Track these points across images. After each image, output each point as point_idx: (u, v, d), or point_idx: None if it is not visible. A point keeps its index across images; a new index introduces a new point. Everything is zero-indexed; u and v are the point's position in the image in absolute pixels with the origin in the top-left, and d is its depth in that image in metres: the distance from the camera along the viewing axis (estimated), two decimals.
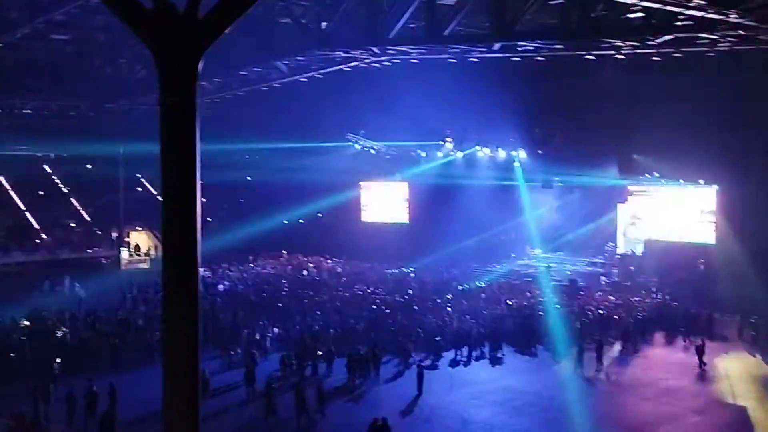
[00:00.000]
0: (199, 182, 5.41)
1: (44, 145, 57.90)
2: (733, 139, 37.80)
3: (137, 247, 59.16)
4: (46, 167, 62.69)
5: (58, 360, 27.65)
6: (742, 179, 40.05)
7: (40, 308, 36.73)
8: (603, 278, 47.63)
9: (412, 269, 48.68)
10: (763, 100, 37.13)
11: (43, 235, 56.89)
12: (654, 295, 41.94)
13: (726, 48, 26.92)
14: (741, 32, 24.51)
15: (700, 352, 30.48)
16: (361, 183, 61.07)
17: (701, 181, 42.73)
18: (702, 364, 30.13)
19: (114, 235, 58.65)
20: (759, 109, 37.45)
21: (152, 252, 58.21)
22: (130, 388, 25.02)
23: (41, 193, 60.88)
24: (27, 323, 34.28)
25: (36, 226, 57.51)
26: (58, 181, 62.81)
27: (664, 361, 31.88)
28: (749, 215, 38.67)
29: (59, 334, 32.54)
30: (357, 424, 24.05)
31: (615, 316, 36.64)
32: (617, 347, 33.00)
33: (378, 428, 21.24)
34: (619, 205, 48.88)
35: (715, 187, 41.98)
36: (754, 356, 31.92)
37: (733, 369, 30.14)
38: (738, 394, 27.11)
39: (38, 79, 45.37)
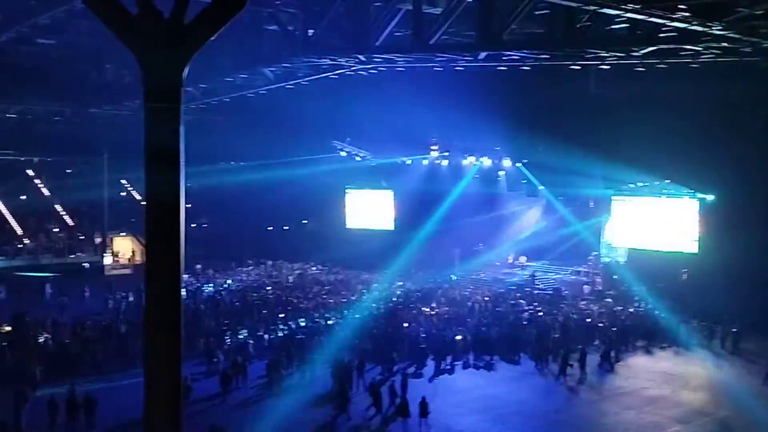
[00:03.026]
0: (183, 188, 5.40)
1: (28, 150, 57.57)
2: (717, 150, 38.04)
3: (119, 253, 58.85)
4: (30, 171, 62.31)
5: (40, 366, 27.41)
6: (725, 190, 40.34)
7: (21, 314, 36.45)
8: (586, 287, 47.84)
9: (399, 281, 48.61)
10: (746, 112, 37.46)
11: (26, 240, 56.49)
12: (637, 305, 42.14)
13: (710, 59, 27.15)
14: (724, 44, 24.73)
15: (605, 356, 31.49)
16: (346, 190, 61.04)
17: (685, 192, 42.99)
18: (611, 366, 31.19)
19: (97, 240, 58.33)
20: (742, 120, 37.76)
21: (136, 257, 57.93)
22: (112, 394, 24.90)
23: (24, 197, 60.48)
24: (8, 329, 34.02)
25: (19, 230, 57.11)
26: (41, 186, 62.44)
27: (646, 370, 32.02)
28: (732, 226, 38.91)
29: (41, 340, 32.26)
30: (344, 430, 24.11)
31: (598, 325, 36.79)
32: (600, 356, 33.09)
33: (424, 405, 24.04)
34: (604, 215, 49.10)
35: (698, 198, 42.27)
36: (734, 366, 32.11)
37: (714, 378, 30.31)
38: (719, 404, 27.27)
39: (23, 83, 45.10)
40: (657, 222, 44.60)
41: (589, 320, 37.46)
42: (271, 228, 59.31)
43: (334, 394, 26.26)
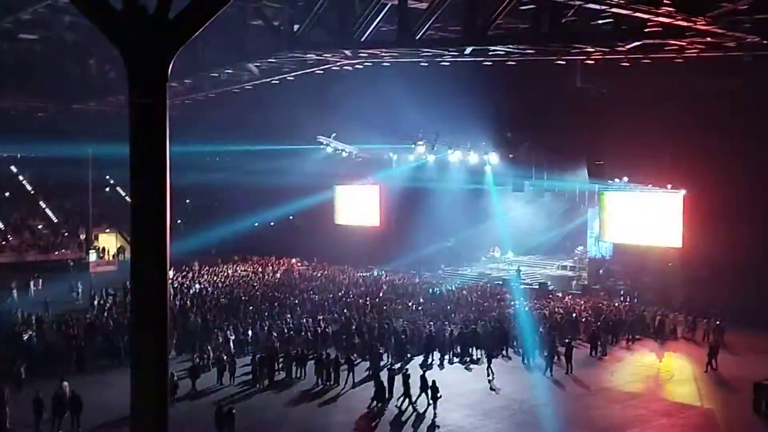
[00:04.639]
0: (168, 184, 5.37)
1: (11, 146, 57.15)
2: (701, 144, 38.32)
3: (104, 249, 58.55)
4: (13, 168, 61.91)
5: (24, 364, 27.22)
6: (709, 184, 40.56)
7: (6, 311, 36.22)
8: (573, 281, 48.06)
9: (385, 276, 48.69)
10: (730, 107, 37.70)
11: (10, 237, 56.10)
12: (622, 299, 42.37)
13: (694, 54, 27.30)
14: (708, 39, 24.88)
15: (568, 353, 30.50)
16: (335, 186, 60.98)
17: (669, 186, 43.20)
18: (569, 368, 30.24)
19: (82, 236, 57.99)
20: (726, 114, 38.00)
21: (121, 254, 57.68)
22: (98, 392, 24.79)
23: (7, 194, 60.07)
24: None
25: (2, 227, 56.70)
26: (25, 183, 62.04)
27: (631, 363, 32.23)
28: (716, 220, 39.17)
29: (25, 337, 32.06)
30: (331, 426, 24.06)
31: (584, 319, 36.95)
32: (586, 350, 33.23)
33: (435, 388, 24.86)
34: (589, 209, 49.31)
35: (682, 192, 42.50)
36: (719, 359, 32.32)
37: (698, 371, 30.49)
38: (704, 397, 27.46)
39: (5, 78, 44.72)
40: (642, 216, 44.81)
41: (574, 315, 37.61)
42: (257, 224, 59.12)
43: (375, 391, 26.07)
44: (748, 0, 21.91)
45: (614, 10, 22.83)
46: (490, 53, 29.62)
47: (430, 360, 31.58)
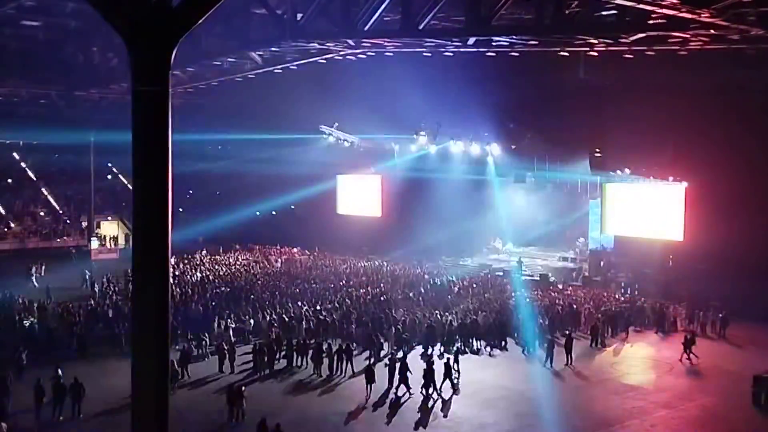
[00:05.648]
0: (170, 172, 5.38)
1: (13, 133, 57.19)
2: (703, 136, 38.22)
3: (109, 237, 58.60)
4: (15, 155, 61.94)
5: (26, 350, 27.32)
6: (710, 176, 40.50)
7: (7, 297, 36.30)
8: (574, 273, 48.06)
9: (386, 266, 48.68)
10: (732, 99, 37.62)
11: (12, 224, 56.18)
12: (623, 291, 42.38)
13: (697, 47, 27.22)
14: (712, 31, 24.80)
15: (568, 345, 30.26)
16: (336, 176, 60.93)
17: (671, 178, 43.13)
18: (570, 359, 30.06)
19: (84, 224, 58.07)
20: (728, 107, 37.92)
21: (122, 241, 57.76)
22: (99, 378, 24.88)
23: (9, 180, 60.14)
24: None
25: (4, 214, 56.78)
26: (27, 169, 62.09)
27: (631, 355, 32.26)
28: (717, 212, 39.12)
29: (27, 323, 32.16)
30: (330, 415, 24.11)
31: (584, 311, 36.97)
32: (586, 342, 33.27)
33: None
34: (591, 201, 49.26)
35: (684, 184, 42.42)
36: (720, 351, 32.39)
37: (698, 363, 30.52)
38: (703, 389, 27.51)
39: (8, 65, 44.70)
40: (644, 208, 44.73)
41: (574, 307, 37.62)
42: (259, 213, 59.18)
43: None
44: None
45: (618, 1, 22.76)
46: (493, 44, 29.55)
47: (430, 350, 31.61)
